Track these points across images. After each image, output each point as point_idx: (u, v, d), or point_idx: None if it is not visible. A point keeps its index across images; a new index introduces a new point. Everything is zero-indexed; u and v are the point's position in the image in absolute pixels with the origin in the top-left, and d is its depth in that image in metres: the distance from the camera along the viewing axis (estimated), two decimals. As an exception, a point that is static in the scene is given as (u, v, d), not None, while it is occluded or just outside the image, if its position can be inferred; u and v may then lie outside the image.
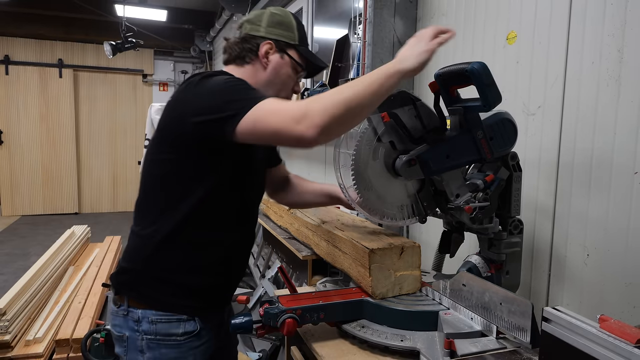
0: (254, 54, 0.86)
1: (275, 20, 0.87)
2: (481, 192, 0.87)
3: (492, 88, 0.76)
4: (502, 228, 0.90)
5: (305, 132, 0.65)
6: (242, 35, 0.87)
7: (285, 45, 0.87)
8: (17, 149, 5.01)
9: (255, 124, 0.68)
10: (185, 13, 4.58)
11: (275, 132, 0.68)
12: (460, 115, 0.82)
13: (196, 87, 0.76)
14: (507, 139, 0.85)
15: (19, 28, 4.65)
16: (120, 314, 0.82)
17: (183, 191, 0.79)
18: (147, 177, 0.84)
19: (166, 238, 0.79)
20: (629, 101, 0.84)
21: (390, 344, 0.76)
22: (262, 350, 1.70)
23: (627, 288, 0.85)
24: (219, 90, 0.73)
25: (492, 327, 0.75)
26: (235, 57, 0.87)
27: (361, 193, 0.82)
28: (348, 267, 0.94)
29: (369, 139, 0.81)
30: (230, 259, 0.86)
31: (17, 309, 2.00)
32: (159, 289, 0.80)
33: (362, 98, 0.66)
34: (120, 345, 0.82)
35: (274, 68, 0.86)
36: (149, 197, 0.83)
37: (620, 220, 0.86)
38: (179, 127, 0.76)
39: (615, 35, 0.86)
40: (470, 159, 0.84)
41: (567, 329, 0.57)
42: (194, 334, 0.80)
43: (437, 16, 1.41)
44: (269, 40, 0.85)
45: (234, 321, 0.78)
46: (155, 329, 0.78)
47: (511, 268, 0.93)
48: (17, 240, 4.11)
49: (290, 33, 0.87)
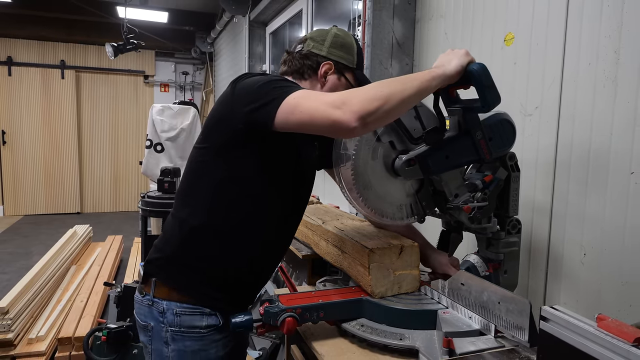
0: (313, 71, 0.88)
1: (338, 42, 0.89)
2: (480, 192, 0.87)
3: (492, 89, 0.76)
4: (500, 228, 0.91)
5: (342, 117, 0.65)
6: (305, 51, 0.89)
7: (344, 67, 0.89)
8: (20, 150, 5.03)
9: (295, 108, 0.70)
10: (186, 15, 4.59)
11: (312, 116, 0.68)
12: (460, 115, 0.82)
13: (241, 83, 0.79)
14: (505, 140, 0.85)
15: (22, 30, 4.67)
16: (145, 304, 0.83)
17: (225, 183, 0.80)
18: (191, 165, 0.85)
19: (202, 226, 0.81)
20: (625, 102, 0.85)
21: (389, 343, 0.77)
22: (262, 348, 1.71)
23: (624, 287, 0.85)
24: (262, 82, 0.76)
25: (490, 326, 0.76)
26: (294, 71, 0.89)
27: (360, 192, 0.82)
28: (347, 267, 0.95)
29: (369, 138, 0.82)
30: (263, 257, 0.87)
31: (19, 308, 2.01)
32: (187, 275, 0.81)
33: (401, 93, 0.69)
34: (145, 334, 0.84)
35: (330, 88, 0.87)
36: (192, 185, 0.84)
37: (617, 219, 0.86)
38: (229, 119, 0.78)
39: (612, 37, 0.87)
40: (469, 160, 0.84)
41: (564, 327, 0.57)
42: (216, 328, 0.82)
43: (435, 18, 1.41)
44: (329, 61, 0.87)
45: (234, 320, 0.79)
46: (180, 321, 0.80)
47: (509, 267, 0.93)
48: (20, 239, 4.13)
49: (350, 56, 0.89)
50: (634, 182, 0.83)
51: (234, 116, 0.77)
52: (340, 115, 0.65)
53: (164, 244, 0.84)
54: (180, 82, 5.62)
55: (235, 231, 0.81)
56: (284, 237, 0.90)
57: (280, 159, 0.82)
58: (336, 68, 0.88)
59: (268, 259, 0.89)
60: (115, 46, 3.64)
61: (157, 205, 2.35)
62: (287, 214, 0.88)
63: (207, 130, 0.83)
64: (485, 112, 0.80)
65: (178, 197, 0.87)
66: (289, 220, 0.89)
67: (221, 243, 0.81)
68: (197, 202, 0.82)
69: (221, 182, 0.80)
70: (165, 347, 0.81)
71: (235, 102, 0.78)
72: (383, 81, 0.73)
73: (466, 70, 0.75)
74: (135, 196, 5.39)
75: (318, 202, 1.64)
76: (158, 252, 0.85)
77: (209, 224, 0.81)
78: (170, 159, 3.11)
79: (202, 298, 0.81)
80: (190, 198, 0.84)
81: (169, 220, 0.87)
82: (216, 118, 0.81)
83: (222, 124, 0.80)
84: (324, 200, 1.85)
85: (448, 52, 0.78)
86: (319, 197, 1.85)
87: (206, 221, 0.81)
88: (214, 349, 0.82)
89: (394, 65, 1.47)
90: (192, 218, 0.81)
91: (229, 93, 0.80)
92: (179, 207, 0.85)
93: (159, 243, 0.86)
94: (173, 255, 0.82)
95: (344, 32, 0.92)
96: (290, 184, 0.85)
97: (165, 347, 0.81)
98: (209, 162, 0.81)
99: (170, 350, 0.80)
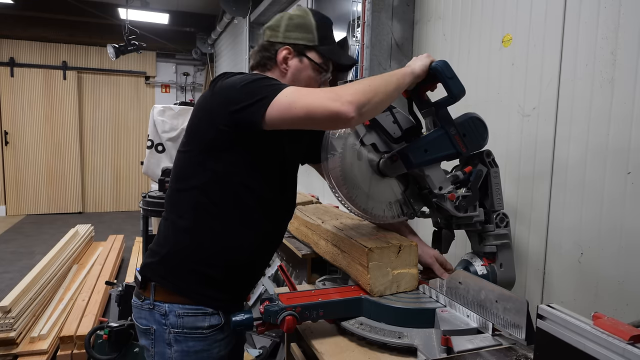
0: (272, 61, 0.85)
1: (293, 23, 0.85)
2: (462, 184, 0.92)
3: (455, 80, 0.82)
4: (489, 222, 0.95)
5: (341, 107, 0.68)
6: (263, 42, 0.87)
7: (304, 48, 0.85)
8: (22, 150, 5.05)
9: (290, 105, 0.70)
10: (187, 16, 4.61)
11: (310, 111, 0.69)
12: (433, 115, 0.88)
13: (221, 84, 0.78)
14: (479, 135, 0.90)
15: (24, 31, 4.70)
16: (145, 308, 0.82)
17: (211, 184, 0.80)
18: (176, 170, 0.84)
19: (193, 229, 0.80)
20: (622, 102, 0.85)
21: (388, 341, 0.77)
22: (262, 346, 1.72)
23: (621, 286, 0.86)
24: (246, 82, 0.74)
25: (488, 324, 0.77)
26: (258, 64, 0.87)
27: (350, 192, 0.85)
28: (347, 266, 0.96)
29: (352, 142, 0.87)
30: (258, 252, 0.87)
31: (22, 307, 2.02)
32: (185, 278, 0.81)
33: (385, 87, 0.74)
34: (147, 338, 0.83)
35: (293, 73, 0.85)
36: (180, 189, 0.83)
37: (614, 219, 0.87)
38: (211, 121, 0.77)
39: (609, 38, 0.87)
40: (448, 153, 0.88)
41: (561, 326, 0.58)
42: (218, 327, 0.82)
43: (434, 19, 1.42)
44: (286, 46, 0.84)
45: (234, 318, 0.79)
46: (183, 322, 0.80)
47: (504, 260, 0.95)
48: (22, 239, 4.15)
49: (309, 34, 0.85)
50: (631, 182, 0.84)
51: (217, 117, 0.76)
52: (339, 106, 0.68)
53: (159, 247, 0.84)
54: (181, 83, 5.63)
55: (226, 231, 0.81)
56: (276, 232, 0.90)
57: (266, 155, 0.81)
58: (295, 51, 0.84)
59: (262, 254, 0.89)
60: (116, 47, 3.65)
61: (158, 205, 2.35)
62: (277, 208, 0.87)
63: (190, 133, 0.82)
64: (452, 103, 0.85)
65: (168, 200, 0.86)
66: (279, 214, 0.89)
67: (213, 243, 0.81)
68: (186, 205, 0.81)
69: (207, 184, 0.79)
70: (168, 349, 0.81)
71: (216, 103, 0.76)
72: (365, 79, 0.76)
73: (430, 68, 0.82)
74: (137, 196, 5.41)
75: (317, 202, 1.64)
76: (153, 255, 0.84)
77: (200, 226, 0.80)
78: (171, 159, 3.12)
79: (203, 299, 0.81)
80: (179, 201, 0.83)
81: (162, 223, 0.86)
82: (198, 120, 0.80)
83: (205, 126, 0.78)
84: (324, 200, 1.86)
85: (413, 59, 0.85)
86: (318, 197, 1.86)
87: (197, 223, 0.80)
88: (217, 349, 0.82)
89: (393, 66, 1.48)
90: (183, 221, 0.81)
91: (208, 95, 0.79)
92: (170, 210, 0.85)
93: (154, 246, 0.85)
94: (168, 258, 0.82)
95: (300, 11, 0.87)
96: (277, 180, 0.85)
97: (168, 349, 0.81)
98: (194, 165, 0.81)
99: (174, 351, 0.80)
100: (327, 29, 0.88)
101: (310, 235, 1.23)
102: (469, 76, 1.24)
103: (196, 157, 0.81)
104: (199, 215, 0.81)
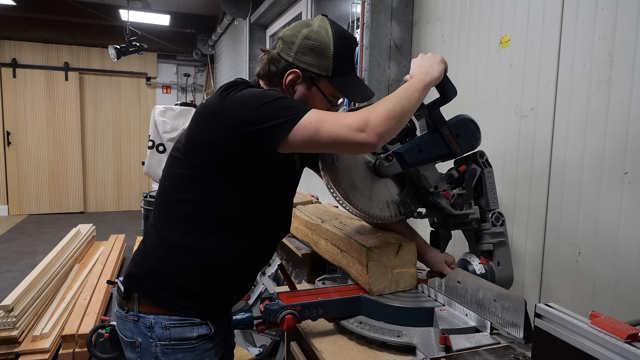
0: (279, 79, 0.77)
1: (308, 45, 0.75)
2: (457, 182, 0.94)
3: (447, 81, 0.83)
4: (485, 221, 0.96)
5: (367, 139, 0.68)
6: (274, 54, 0.78)
7: (315, 77, 0.76)
8: (24, 150, 5.07)
9: (316, 134, 0.68)
10: (188, 17, 4.62)
11: (337, 140, 0.68)
12: (426, 116, 0.89)
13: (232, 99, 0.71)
14: (472, 136, 0.91)
15: (26, 32, 4.71)
16: (130, 319, 0.78)
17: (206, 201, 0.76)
18: (169, 177, 0.80)
19: (182, 244, 0.77)
20: (619, 103, 0.86)
21: (387, 340, 0.78)
22: (262, 345, 1.73)
23: (618, 285, 0.86)
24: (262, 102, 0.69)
25: (486, 323, 0.77)
26: (264, 75, 0.80)
27: (347, 192, 0.86)
28: (346, 265, 0.97)
29: None
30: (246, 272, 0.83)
31: (24, 306, 2.03)
32: (170, 291, 0.77)
33: (408, 108, 0.73)
34: (133, 351, 0.79)
35: (299, 99, 0.77)
36: (172, 199, 0.79)
37: (611, 219, 0.87)
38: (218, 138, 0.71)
39: (606, 39, 0.88)
40: (442, 153, 0.90)
41: (559, 325, 0.58)
42: (208, 336, 0.79)
43: (432, 21, 1.43)
44: (295, 69, 0.76)
45: (235, 317, 0.80)
46: (169, 334, 0.76)
47: (501, 258, 0.96)
48: (25, 238, 4.16)
49: (323, 61, 0.75)
50: (628, 182, 0.85)
51: (225, 137, 0.71)
52: (366, 138, 0.68)
53: (144, 260, 0.80)
54: (181, 84, 5.65)
55: (220, 248, 0.77)
56: (269, 250, 0.87)
57: (267, 175, 0.78)
58: (304, 77, 0.76)
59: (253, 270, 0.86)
60: (118, 48, 3.67)
61: (159, 205, 2.36)
62: (275, 226, 0.85)
63: (191, 142, 0.75)
64: (444, 103, 0.86)
65: (157, 207, 0.81)
66: (276, 233, 0.87)
67: (201, 260, 0.77)
68: (181, 217, 0.77)
69: (207, 198, 0.75)
70: None
71: (227, 122, 0.70)
72: (391, 97, 0.72)
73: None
74: (138, 196, 5.42)
75: (317, 202, 1.65)
76: (138, 267, 0.80)
77: (189, 242, 0.76)
78: (172, 159, 3.12)
79: (188, 312, 0.77)
80: (172, 212, 0.78)
81: (149, 232, 0.81)
82: (202, 131, 0.73)
83: (210, 141, 0.73)
84: (323, 200, 1.87)
85: (421, 57, 0.80)
86: (318, 197, 1.87)
87: (190, 238, 0.76)
88: (207, 358, 0.79)
89: (392, 67, 1.49)
90: (173, 234, 0.77)
91: (215, 104, 0.72)
92: (159, 219, 0.80)
93: (138, 257, 0.81)
94: (154, 274, 0.78)
95: (321, 29, 0.75)
96: (277, 197, 0.82)
97: None
98: (189, 177, 0.76)
99: None
100: (346, 55, 0.78)
101: (310, 234, 1.24)
102: (467, 77, 1.25)
103: (191, 170, 0.75)
104: (193, 229, 0.76)
